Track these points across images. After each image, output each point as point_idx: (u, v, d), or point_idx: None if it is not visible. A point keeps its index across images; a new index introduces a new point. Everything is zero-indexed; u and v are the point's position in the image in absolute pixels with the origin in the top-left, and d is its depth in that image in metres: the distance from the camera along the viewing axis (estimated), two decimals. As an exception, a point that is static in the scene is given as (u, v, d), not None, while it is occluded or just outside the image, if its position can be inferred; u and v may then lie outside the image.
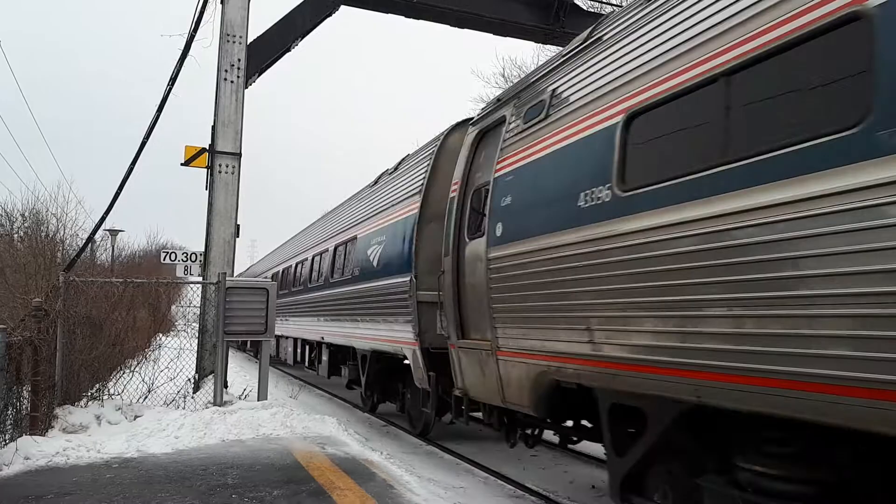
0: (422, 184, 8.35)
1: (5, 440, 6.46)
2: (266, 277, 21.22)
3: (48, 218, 16.63)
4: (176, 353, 9.80)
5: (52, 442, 6.76)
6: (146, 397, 8.88)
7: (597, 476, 6.90)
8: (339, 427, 8.18)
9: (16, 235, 17.28)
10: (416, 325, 7.81)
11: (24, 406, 7.13)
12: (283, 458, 6.52)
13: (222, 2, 10.48)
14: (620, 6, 6.25)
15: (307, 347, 14.68)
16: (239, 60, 10.44)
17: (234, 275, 10.85)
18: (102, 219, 10.85)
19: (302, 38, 11.13)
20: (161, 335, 12.89)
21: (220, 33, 10.43)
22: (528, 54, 39.24)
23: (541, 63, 7.25)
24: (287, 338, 16.82)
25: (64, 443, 6.74)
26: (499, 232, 5.60)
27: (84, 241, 12.35)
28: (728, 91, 3.41)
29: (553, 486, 6.65)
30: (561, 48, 6.46)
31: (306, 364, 14.87)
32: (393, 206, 9.39)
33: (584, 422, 5.68)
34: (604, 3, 17.60)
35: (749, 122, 3.29)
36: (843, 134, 2.70)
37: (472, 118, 7.50)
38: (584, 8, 14.11)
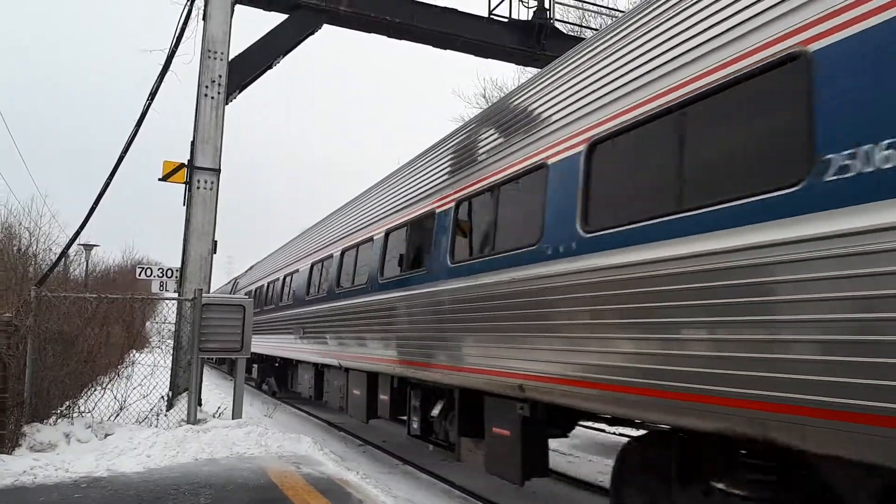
0: None
1: (-30, 459, 6.30)
2: (276, 280, 15.92)
3: (20, 232, 16.42)
4: (150, 370, 9.65)
5: (20, 461, 6.60)
6: (118, 415, 8.72)
7: (577, 498, 6.89)
8: (315, 446, 8.09)
9: (-13, 249, 16.95)
10: None
11: (-10, 423, 6.96)
12: (257, 478, 6.42)
13: (204, 18, 10.50)
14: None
15: (412, 395, 7.58)
16: (220, 77, 10.44)
17: (212, 291, 10.74)
18: (77, 233, 10.72)
19: (284, 55, 11.18)
20: (135, 352, 12.69)
21: (202, 49, 10.44)
22: (508, 76, 39.74)
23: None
24: (345, 370, 9.91)
25: (31, 462, 6.59)
26: None
27: (57, 256, 12.18)
28: None
29: (530, 507, 6.64)
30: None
31: (414, 427, 7.50)
32: None
33: None
34: (584, 27, 17.96)
35: None
36: None
37: None
38: (565, 31, 14.36)
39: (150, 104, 10.33)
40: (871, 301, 2.73)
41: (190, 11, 10.38)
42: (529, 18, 12.78)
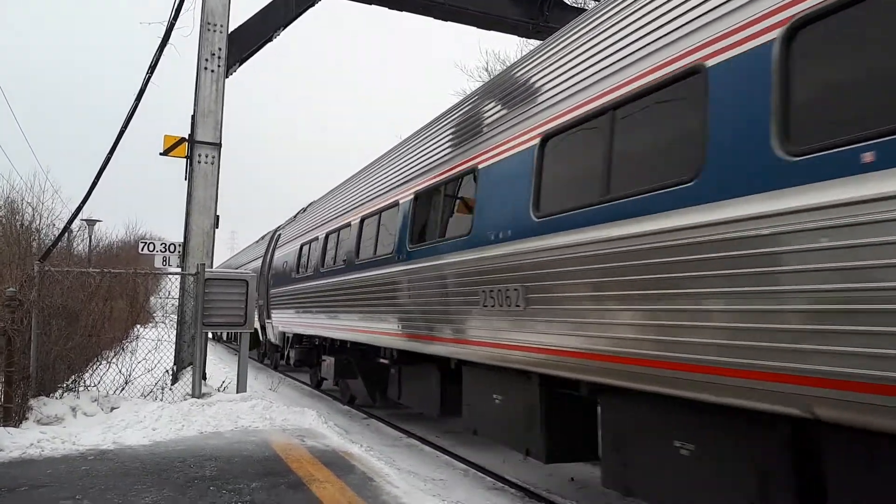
0: None
1: (-22, 432, 6.36)
2: (385, 209, 8.39)
3: (23, 207, 16.41)
4: (154, 344, 9.71)
5: (27, 434, 6.66)
6: (123, 389, 8.79)
7: (575, 469, 6.93)
8: (319, 419, 8.15)
9: (-10, 224, 16.96)
10: None
11: (-3, 397, 7.02)
12: (261, 451, 6.48)
13: (203, -10, 10.35)
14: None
15: None
16: (220, 49, 10.33)
17: (215, 265, 10.75)
18: (79, 208, 10.70)
19: (284, 27, 11.03)
20: (139, 326, 12.76)
21: (201, 22, 10.31)
22: (511, 49, 39.27)
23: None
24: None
25: (38, 434, 6.65)
26: None
27: (60, 231, 12.17)
28: None
29: (532, 479, 6.69)
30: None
31: None
32: None
33: None
34: (588, -2, 17.69)
35: None
36: None
37: None
38: (569, 3, 14.14)
39: (149, 77, 10.22)
40: None
41: (189, -17, 10.23)
42: (533, -11, 12.58)
